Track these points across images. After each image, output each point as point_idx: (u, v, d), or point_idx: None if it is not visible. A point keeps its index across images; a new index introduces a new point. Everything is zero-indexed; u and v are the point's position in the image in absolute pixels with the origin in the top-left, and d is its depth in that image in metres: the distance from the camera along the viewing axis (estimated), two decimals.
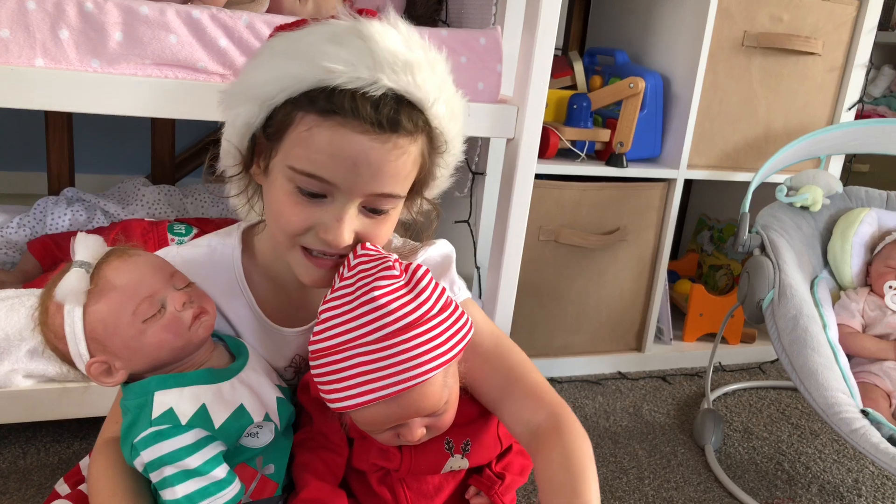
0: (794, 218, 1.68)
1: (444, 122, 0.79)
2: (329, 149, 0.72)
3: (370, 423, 0.74)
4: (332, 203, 0.75)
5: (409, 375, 0.69)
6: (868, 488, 1.50)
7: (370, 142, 0.72)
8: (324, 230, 0.75)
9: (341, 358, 0.70)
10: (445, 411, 0.75)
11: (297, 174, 0.74)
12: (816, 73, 1.95)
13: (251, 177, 0.83)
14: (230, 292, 0.88)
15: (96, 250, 0.78)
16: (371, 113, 0.71)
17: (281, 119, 0.75)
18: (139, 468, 0.76)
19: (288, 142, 0.75)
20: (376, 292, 0.70)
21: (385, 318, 0.69)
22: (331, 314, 0.72)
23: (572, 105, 1.76)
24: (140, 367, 0.78)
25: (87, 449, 0.86)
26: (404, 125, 0.73)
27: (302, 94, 0.73)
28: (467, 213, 1.70)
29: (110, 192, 1.71)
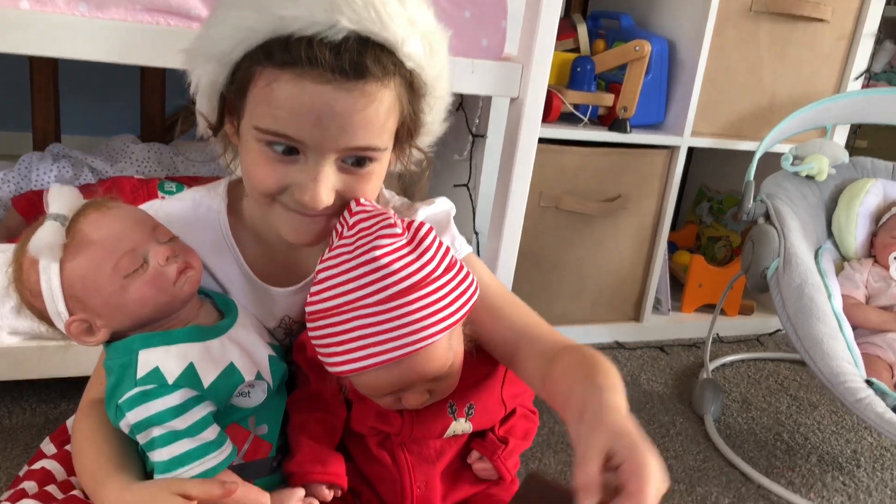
0: (799, 187, 1.65)
1: (420, 61, 0.72)
2: (290, 104, 0.66)
3: (371, 388, 0.71)
4: (306, 161, 0.70)
5: (413, 339, 0.65)
6: (867, 459, 1.49)
7: (334, 91, 0.66)
8: (299, 191, 0.70)
9: (341, 320, 0.66)
10: (449, 375, 0.72)
11: (262, 133, 0.69)
12: (825, 40, 1.90)
13: (227, 138, 0.78)
14: (216, 248, 0.83)
15: (72, 202, 0.73)
16: (331, 59, 0.65)
17: (241, 76, 0.70)
18: (125, 430, 0.72)
19: (251, 100, 0.69)
20: (378, 251, 0.66)
21: (387, 279, 0.65)
22: (329, 273, 0.68)
23: (576, 68, 1.71)
24: (123, 326, 0.74)
25: (74, 409, 0.83)
26: (371, 70, 0.66)
27: (258, 48, 0.67)
28: (466, 177, 1.66)
29: (98, 150, 1.66)
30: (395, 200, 0.89)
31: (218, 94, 0.74)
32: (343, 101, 0.66)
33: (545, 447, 1.37)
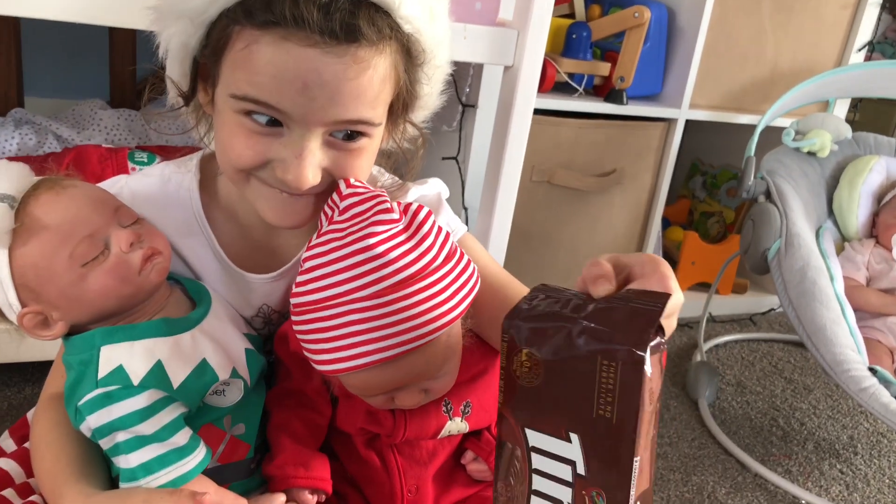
0: (800, 164, 1.59)
1: (419, 26, 0.64)
2: (271, 69, 0.58)
3: (362, 388, 0.64)
4: (290, 135, 0.62)
5: (410, 336, 0.58)
6: (864, 445, 1.45)
7: (322, 56, 0.58)
8: (282, 169, 0.62)
9: (330, 315, 0.59)
10: (447, 374, 0.66)
11: (240, 101, 0.61)
12: (829, 9, 1.83)
13: (200, 108, 0.70)
14: (187, 229, 0.76)
15: (22, 180, 0.65)
16: (320, 19, 0.57)
17: (217, 37, 0.62)
18: (86, 433, 0.65)
19: (227, 65, 0.61)
20: (372, 239, 0.58)
21: (383, 270, 0.58)
22: (317, 262, 0.60)
23: (571, 35, 1.63)
24: (82, 318, 0.66)
25: (37, 394, 0.75)
26: (364, 32, 0.59)
27: (236, 4, 0.59)
28: (455, 149, 1.58)
29: (65, 116, 1.56)
30: (385, 179, 0.82)
31: (190, 57, 0.66)
32: (332, 68, 0.59)
33: None
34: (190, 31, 0.63)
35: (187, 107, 0.72)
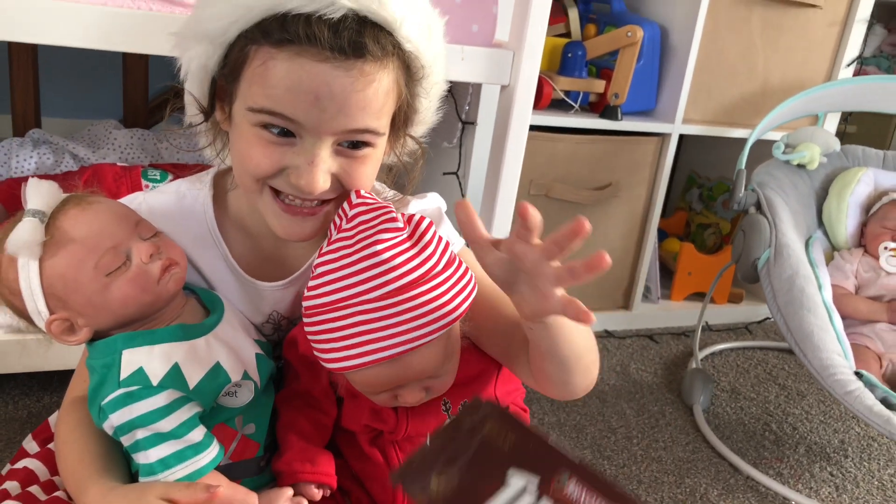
0: (790, 176, 1.64)
1: (418, 44, 0.70)
2: (286, 82, 0.64)
3: (368, 385, 0.69)
4: (302, 144, 0.68)
5: (413, 336, 0.63)
6: (854, 449, 1.49)
7: (332, 70, 0.64)
8: (296, 175, 0.68)
9: (340, 316, 0.64)
10: (447, 372, 0.71)
11: (257, 114, 0.66)
12: (817, 26, 1.89)
13: (217, 125, 0.76)
14: (202, 242, 0.81)
15: (51, 197, 0.70)
16: (330, 37, 0.63)
17: (235, 57, 0.68)
18: (108, 431, 0.71)
19: (244, 81, 0.67)
20: (379, 246, 0.64)
21: (389, 274, 0.63)
22: (328, 268, 0.66)
23: (567, 53, 1.69)
24: (105, 325, 0.72)
25: (58, 403, 0.81)
26: (370, 49, 0.65)
27: (254, 26, 0.65)
28: (456, 165, 1.64)
29: (80, 136, 1.62)
30: (387, 193, 0.87)
31: (209, 78, 0.72)
32: (341, 81, 0.65)
33: None
34: (210, 52, 0.69)
35: (206, 123, 0.77)
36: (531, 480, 0.48)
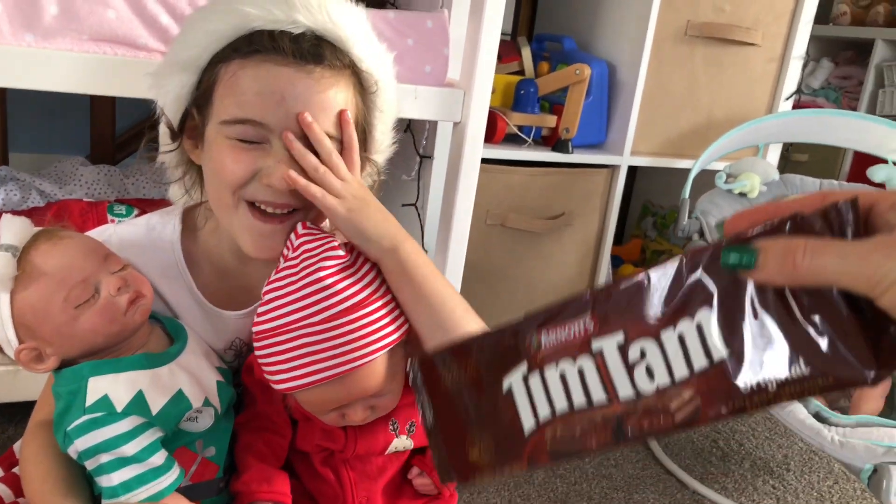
0: (732, 204, 1.73)
1: (369, 63, 0.78)
2: (254, 86, 0.72)
3: (314, 404, 0.74)
4: (271, 148, 0.74)
5: (354, 357, 0.69)
6: (796, 463, 1.57)
7: (295, 73, 0.72)
8: (267, 175, 0.74)
9: (286, 339, 0.70)
10: (391, 392, 0.76)
11: (229, 125, 0.73)
12: (757, 63, 2.00)
13: (188, 160, 0.82)
14: (168, 273, 0.86)
15: (23, 232, 0.75)
16: (292, 47, 0.72)
17: (207, 79, 0.75)
18: (73, 455, 0.74)
19: (216, 99, 0.74)
20: (322, 273, 0.70)
21: (330, 300, 0.69)
22: (275, 295, 0.71)
23: (519, 90, 1.77)
24: (73, 353, 0.76)
25: (21, 433, 0.84)
26: (327, 56, 0.73)
27: (224, 48, 0.74)
28: (414, 197, 1.70)
29: (47, 172, 1.66)
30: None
31: (182, 108, 0.78)
32: (304, 82, 0.72)
33: None
34: (184, 80, 0.76)
35: (178, 156, 0.83)
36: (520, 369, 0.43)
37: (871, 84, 2.82)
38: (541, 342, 0.43)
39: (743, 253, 0.36)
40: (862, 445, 1.23)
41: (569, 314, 0.42)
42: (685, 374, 0.38)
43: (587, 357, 0.41)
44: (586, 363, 0.41)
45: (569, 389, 0.42)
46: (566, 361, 0.42)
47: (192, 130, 0.79)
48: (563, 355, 0.42)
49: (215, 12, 0.75)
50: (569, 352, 0.42)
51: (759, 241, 0.36)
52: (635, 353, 0.40)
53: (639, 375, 0.39)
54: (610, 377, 0.40)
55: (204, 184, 0.82)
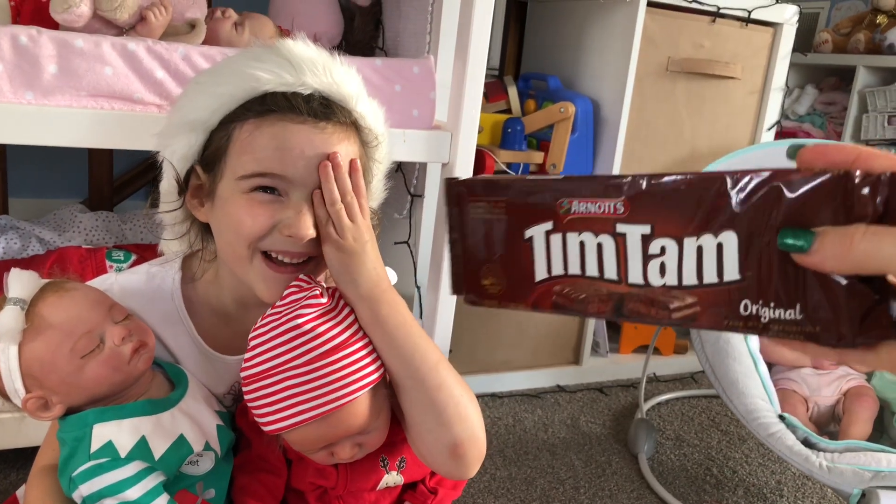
0: None
1: (370, 119, 0.83)
2: (274, 143, 0.75)
3: (303, 444, 0.77)
4: (289, 199, 0.77)
5: (336, 396, 0.72)
6: (790, 489, 1.59)
7: (311, 129, 0.76)
8: (287, 226, 0.76)
9: (271, 382, 0.73)
10: (376, 429, 0.78)
11: (248, 179, 0.76)
12: (737, 96, 2.05)
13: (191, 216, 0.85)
14: (169, 320, 0.89)
15: (31, 285, 0.78)
16: (304, 105, 0.76)
17: (219, 139, 0.78)
18: (78, 500, 0.77)
19: (232, 156, 0.77)
20: (299, 319, 0.73)
21: (310, 343, 0.72)
22: (259, 341, 0.75)
23: (507, 129, 1.82)
24: (78, 402, 0.79)
25: (24, 479, 0.86)
26: (336, 113, 0.78)
27: (236, 109, 0.77)
28: (407, 235, 1.74)
29: (46, 220, 1.70)
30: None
31: (188, 167, 0.81)
32: (320, 137, 0.76)
33: (486, 493, 1.44)
34: (192, 141, 0.79)
35: (181, 213, 0.85)
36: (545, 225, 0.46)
37: (854, 110, 2.88)
38: (570, 208, 0.45)
39: (799, 237, 0.37)
40: (850, 470, 1.25)
41: (603, 191, 0.43)
42: (694, 281, 0.41)
43: (609, 236, 0.43)
44: (607, 240, 0.43)
45: (584, 257, 0.44)
46: (589, 233, 0.44)
47: (196, 189, 0.82)
48: (588, 227, 0.44)
49: (225, 75, 0.78)
50: (594, 225, 0.44)
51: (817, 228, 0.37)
52: (655, 248, 0.42)
53: (652, 268, 0.42)
54: (626, 259, 0.43)
55: (206, 238, 0.86)
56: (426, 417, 0.78)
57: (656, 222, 0.42)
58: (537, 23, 2.25)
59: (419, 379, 0.77)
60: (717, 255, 0.40)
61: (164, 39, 1.24)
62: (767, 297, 0.39)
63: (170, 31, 1.32)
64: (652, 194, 0.42)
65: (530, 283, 0.47)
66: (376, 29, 1.76)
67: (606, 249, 0.43)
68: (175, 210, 0.84)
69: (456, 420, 0.77)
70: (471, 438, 0.78)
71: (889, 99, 2.74)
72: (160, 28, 1.29)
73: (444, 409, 0.77)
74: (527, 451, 1.62)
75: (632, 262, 0.43)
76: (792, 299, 0.39)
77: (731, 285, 0.40)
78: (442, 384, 0.77)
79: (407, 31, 1.66)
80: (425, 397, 0.77)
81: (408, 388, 0.78)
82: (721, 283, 0.40)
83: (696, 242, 0.40)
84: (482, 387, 1.90)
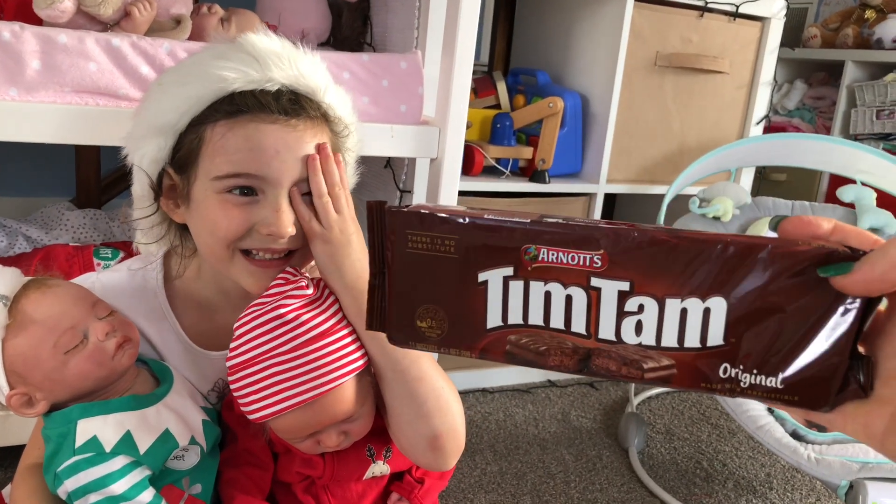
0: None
1: (339, 109, 0.83)
2: (247, 144, 0.74)
3: (289, 431, 0.77)
4: (265, 198, 0.76)
5: (321, 382, 0.72)
6: (779, 481, 1.59)
7: (283, 128, 0.75)
8: (265, 226, 0.76)
9: (256, 370, 0.73)
10: (361, 417, 0.78)
11: (223, 180, 0.75)
12: (726, 90, 2.06)
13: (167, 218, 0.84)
14: (153, 316, 0.89)
15: (13, 282, 0.78)
16: (274, 103, 0.75)
17: (189, 141, 0.77)
18: (63, 496, 0.76)
19: (205, 158, 0.76)
20: (283, 309, 0.73)
21: (294, 331, 0.73)
22: (243, 330, 0.75)
23: (496, 124, 1.82)
24: (62, 398, 0.78)
25: (11, 477, 0.86)
26: (306, 108, 0.78)
27: (205, 110, 0.76)
28: None
29: (33, 218, 1.69)
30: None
31: (159, 170, 0.81)
32: (292, 135, 0.76)
33: (477, 488, 1.44)
34: (162, 144, 0.78)
35: (157, 216, 0.85)
36: (503, 270, 0.41)
37: (843, 104, 2.89)
38: (538, 255, 0.41)
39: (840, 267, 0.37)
40: (837, 462, 1.26)
41: (578, 242, 0.40)
42: (673, 344, 0.39)
43: (581, 288, 0.40)
44: (577, 293, 0.40)
45: (549, 309, 0.41)
46: (557, 284, 0.41)
47: (170, 191, 0.82)
48: (557, 278, 0.41)
49: (190, 76, 0.77)
50: (563, 276, 0.41)
51: None
52: (633, 305, 0.40)
53: (626, 325, 0.40)
54: (598, 315, 0.40)
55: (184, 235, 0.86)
56: (406, 409, 0.78)
57: (637, 280, 0.40)
58: (526, 18, 2.25)
59: (400, 371, 0.77)
60: (703, 320, 0.39)
61: (149, 35, 1.23)
62: (749, 364, 0.39)
63: (155, 27, 1.32)
64: (634, 251, 0.40)
65: (480, 330, 0.43)
66: (364, 24, 1.75)
67: (577, 302, 0.41)
68: (150, 216, 0.84)
69: (436, 412, 0.78)
70: (450, 431, 0.79)
71: (877, 93, 2.76)
72: (145, 24, 1.28)
73: (424, 401, 0.78)
74: (517, 446, 1.62)
75: (604, 317, 0.40)
76: (775, 370, 0.39)
77: (712, 350, 0.39)
78: (423, 376, 0.78)
79: (394, 27, 1.66)
80: (406, 389, 0.78)
81: (389, 379, 0.78)
82: (703, 347, 0.39)
83: (681, 304, 0.39)
84: (473, 382, 1.90)
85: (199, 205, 0.79)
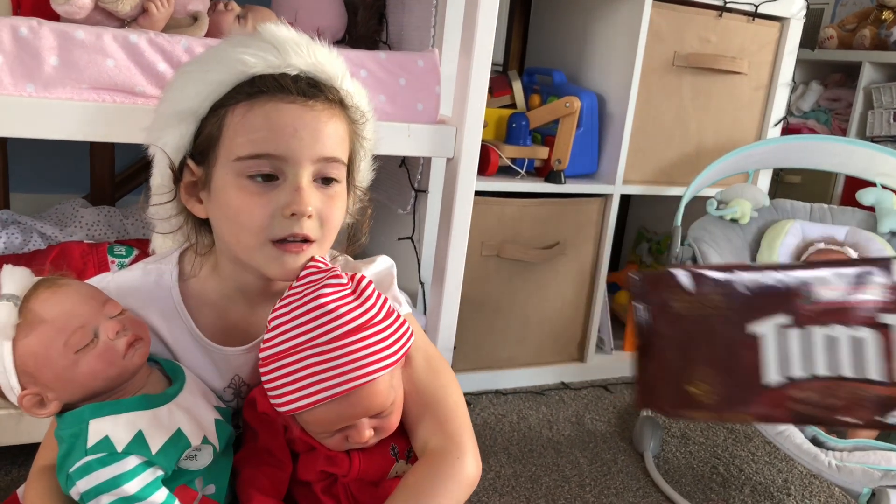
0: (724, 230, 1.75)
1: (356, 98, 0.85)
2: (267, 123, 0.77)
3: (320, 424, 0.77)
4: (285, 180, 0.78)
5: (357, 374, 0.73)
6: (797, 487, 1.57)
7: (301, 108, 0.78)
8: (287, 206, 0.77)
9: (292, 361, 0.73)
10: (392, 412, 0.80)
11: (244, 161, 0.77)
12: (744, 91, 2.03)
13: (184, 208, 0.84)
14: (167, 315, 0.88)
15: (24, 282, 0.77)
16: (293, 85, 0.78)
17: (211, 126, 0.79)
18: (75, 497, 0.76)
19: (225, 140, 0.78)
20: (323, 299, 0.74)
21: (333, 322, 0.73)
22: (281, 321, 0.75)
23: (511, 124, 1.80)
24: (74, 397, 0.78)
25: (25, 475, 0.85)
26: (324, 91, 0.80)
27: (225, 95, 0.79)
28: (411, 230, 1.72)
29: (47, 214, 1.68)
30: (340, 260, 0.95)
31: (181, 158, 0.82)
32: (311, 114, 0.78)
33: (491, 491, 1.43)
34: (184, 131, 0.80)
35: (175, 205, 0.86)
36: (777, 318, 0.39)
37: (860, 106, 2.86)
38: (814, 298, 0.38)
39: None
40: (859, 469, 1.23)
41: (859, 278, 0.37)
42: None
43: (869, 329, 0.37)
44: (867, 334, 0.37)
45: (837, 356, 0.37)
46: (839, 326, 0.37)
47: (190, 186, 0.83)
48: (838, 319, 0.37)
49: (211, 62, 0.80)
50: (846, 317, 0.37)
51: None
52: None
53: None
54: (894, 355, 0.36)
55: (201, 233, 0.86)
56: None
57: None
58: (542, 17, 2.23)
59: None
60: None
61: (167, 32, 1.22)
62: None
63: (172, 24, 1.31)
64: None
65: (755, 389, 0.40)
66: (380, 23, 1.74)
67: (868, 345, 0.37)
68: (168, 202, 0.84)
69: None
70: None
71: (895, 95, 2.72)
72: (162, 20, 1.28)
73: None
74: (531, 449, 1.61)
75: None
76: None
77: None
78: None
79: (411, 25, 1.64)
80: None
81: None
82: None
83: None
84: (486, 384, 1.88)
85: (220, 192, 0.80)
